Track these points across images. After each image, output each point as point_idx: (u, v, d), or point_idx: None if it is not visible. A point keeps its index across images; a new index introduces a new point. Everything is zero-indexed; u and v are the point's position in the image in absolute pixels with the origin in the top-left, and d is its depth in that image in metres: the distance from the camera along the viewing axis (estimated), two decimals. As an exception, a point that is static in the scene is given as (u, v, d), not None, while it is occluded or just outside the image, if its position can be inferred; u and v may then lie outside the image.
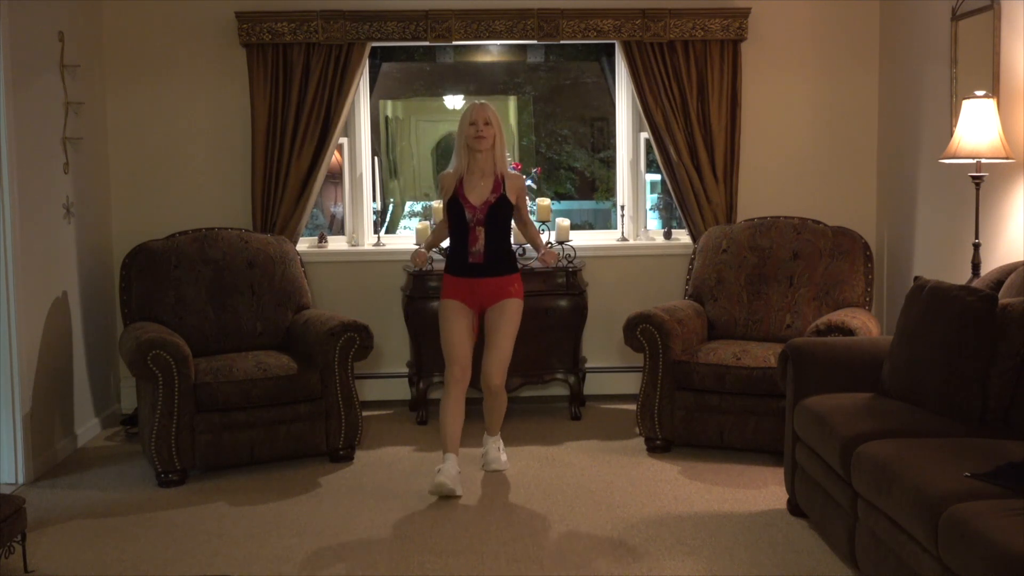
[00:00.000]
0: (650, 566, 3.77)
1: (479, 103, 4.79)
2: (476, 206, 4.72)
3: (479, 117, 4.73)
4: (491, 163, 4.77)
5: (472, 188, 4.75)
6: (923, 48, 5.48)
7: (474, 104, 4.79)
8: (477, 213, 4.72)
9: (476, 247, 4.73)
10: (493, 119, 4.76)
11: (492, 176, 4.76)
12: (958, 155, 4.48)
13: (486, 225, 4.72)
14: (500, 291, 4.76)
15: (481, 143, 4.72)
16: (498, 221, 4.75)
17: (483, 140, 4.72)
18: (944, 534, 2.82)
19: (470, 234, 4.73)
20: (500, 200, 4.74)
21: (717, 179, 5.97)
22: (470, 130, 4.73)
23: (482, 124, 4.73)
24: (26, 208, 4.83)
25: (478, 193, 4.74)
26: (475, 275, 4.75)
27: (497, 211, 4.74)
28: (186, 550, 3.98)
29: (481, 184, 4.75)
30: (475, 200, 4.73)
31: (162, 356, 4.66)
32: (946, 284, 3.88)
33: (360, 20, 5.85)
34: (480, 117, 4.73)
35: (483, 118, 4.73)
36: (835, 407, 3.83)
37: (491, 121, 4.75)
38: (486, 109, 4.76)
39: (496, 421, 4.95)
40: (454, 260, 4.81)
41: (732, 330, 5.47)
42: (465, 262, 4.75)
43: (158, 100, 5.99)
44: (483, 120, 4.73)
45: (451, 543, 4.02)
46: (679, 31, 5.88)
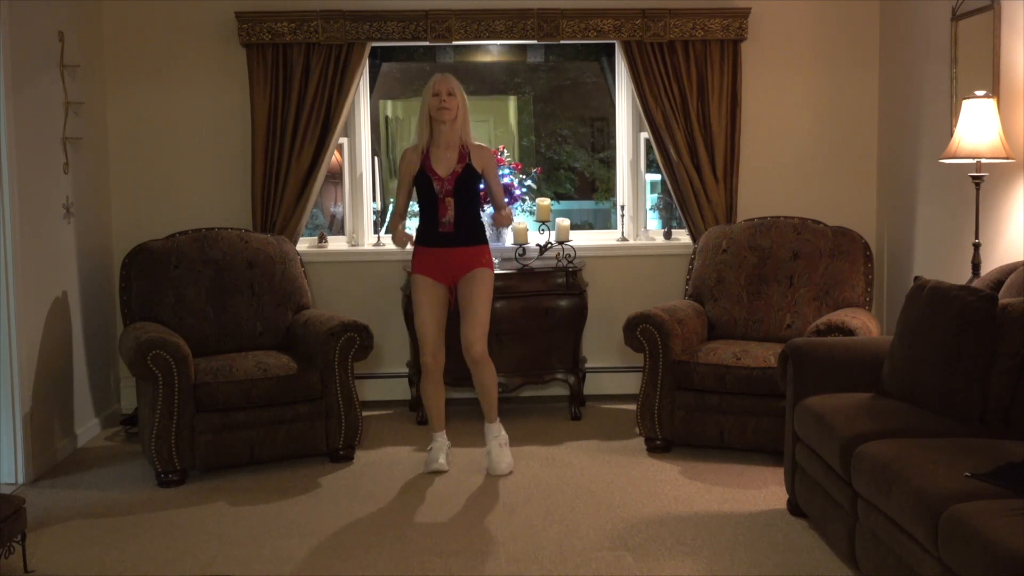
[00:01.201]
0: (650, 566, 3.77)
1: (442, 74, 4.82)
2: (443, 177, 4.78)
3: (442, 88, 4.76)
4: (455, 134, 4.80)
5: (438, 160, 4.80)
6: (923, 48, 5.47)
7: (437, 75, 4.82)
8: (445, 184, 4.77)
9: (446, 217, 4.79)
10: (457, 90, 4.79)
11: (457, 147, 4.80)
12: (958, 155, 4.48)
13: (455, 195, 4.77)
14: (471, 260, 4.82)
15: (445, 114, 4.75)
16: (466, 191, 4.80)
17: (447, 111, 4.75)
18: (944, 534, 2.82)
19: (440, 205, 4.78)
20: (466, 170, 4.79)
21: (717, 179, 5.97)
22: (433, 101, 4.76)
23: (445, 95, 4.75)
24: (26, 208, 4.83)
25: (444, 164, 4.79)
26: (446, 244, 4.81)
27: (464, 181, 4.78)
28: (186, 550, 3.98)
29: (447, 155, 4.80)
30: (442, 171, 4.78)
31: (162, 356, 4.66)
32: (946, 284, 3.88)
33: (360, 20, 5.85)
34: (443, 88, 4.76)
35: (447, 89, 4.76)
36: (835, 407, 3.83)
37: (455, 92, 4.78)
38: (449, 80, 4.79)
39: (491, 402, 4.91)
40: (425, 231, 4.87)
41: (732, 330, 5.47)
42: (436, 232, 4.81)
43: (158, 100, 5.99)
44: (447, 91, 4.76)
45: (451, 543, 4.02)
46: (679, 31, 5.88)
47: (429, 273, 4.83)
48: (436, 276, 4.83)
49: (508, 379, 5.77)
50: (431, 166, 4.80)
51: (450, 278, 4.84)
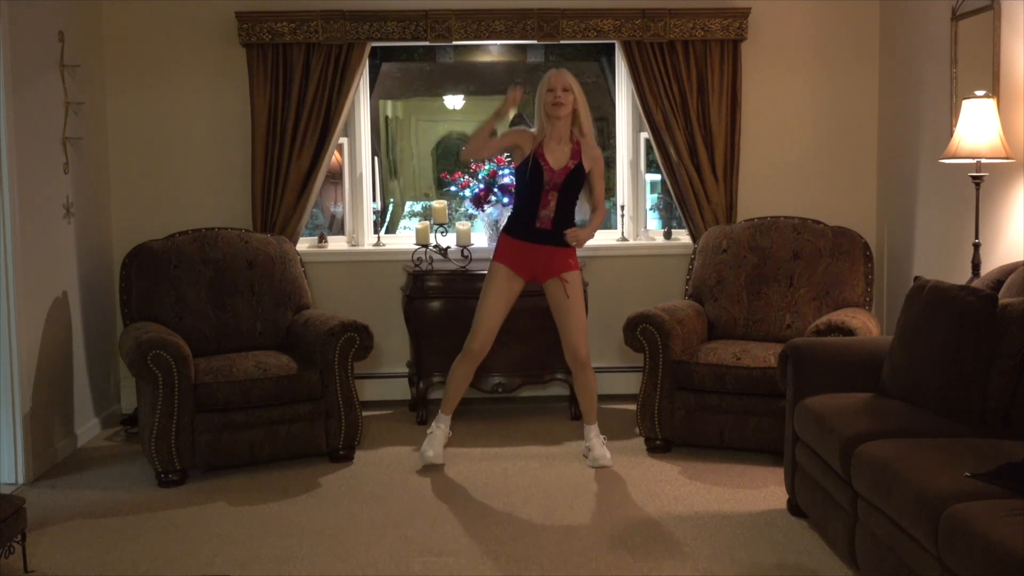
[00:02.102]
0: (650, 566, 3.77)
1: (557, 70, 4.78)
2: (555, 170, 4.72)
3: (557, 83, 4.71)
4: (568, 130, 4.76)
5: (552, 152, 4.73)
6: (923, 48, 5.48)
7: (552, 70, 4.78)
8: (555, 177, 4.72)
9: (546, 211, 4.75)
10: (572, 85, 4.73)
11: (570, 143, 4.75)
12: (958, 155, 4.48)
13: (560, 191, 4.73)
14: (561, 263, 4.78)
15: (559, 110, 4.71)
16: (572, 188, 4.76)
17: (561, 107, 4.71)
18: (944, 534, 2.82)
19: (542, 197, 4.73)
20: (578, 167, 4.75)
21: (717, 179, 5.97)
22: (548, 96, 4.72)
23: (560, 90, 4.71)
24: (26, 208, 4.83)
25: (557, 157, 4.73)
26: (539, 241, 4.77)
27: (573, 178, 4.74)
28: (186, 550, 3.98)
29: (560, 148, 4.74)
30: (554, 164, 4.72)
31: (162, 356, 4.66)
32: (946, 284, 3.88)
33: (360, 20, 5.85)
34: (558, 83, 4.71)
35: (561, 84, 4.72)
36: (835, 407, 3.83)
37: (569, 87, 4.72)
38: (564, 75, 4.74)
39: (591, 404, 4.93)
40: (518, 222, 4.80)
41: (732, 330, 5.47)
42: (531, 225, 4.76)
43: (158, 100, 5.99)
44: (561, 86, 4.72)
45: (451, 543, 4.02)
46: (679, 31, 5.88)
47: (512, 265, 4.79)
48: (519, 270, 4.79)
49: (508, 379, 5.78)
50: (544, 156, 4.73)
51: (533, 275, 4.81)
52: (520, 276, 4.82)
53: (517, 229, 4.81)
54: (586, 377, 4.89)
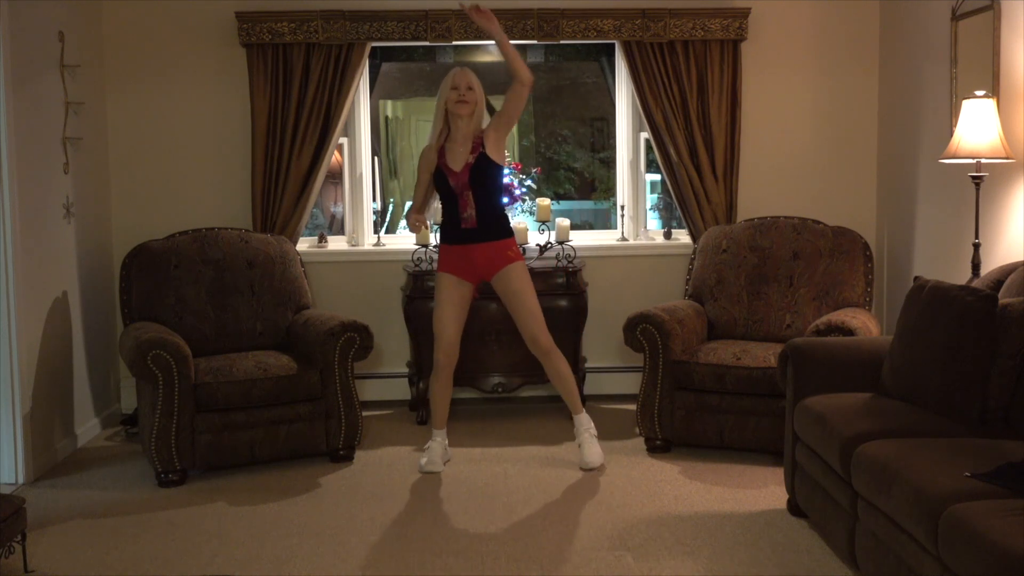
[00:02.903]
0: (650, 566, 3.77)
1: (460, 68, 4.77)
2: (457, 171, 4.72)
3: (461, 81, 4.71)
4: (472, 129, 4.75)
5: (453, 155, 4.75)
6: (923, 48, 5.47)
7: (457, 69, 4.76)
8: (459, 178, 4.72)
9: (467, 212, 4.75)
10: (475, 84, 4.72)
11: (471, 142, 4.75)
12: (958, 155, 4.48)
13: (472, 187, 4.72)
14: (499, 257, 4.77)
15: (463, 108, 4.70)
16: (484, 181, 4.74)
17: (465, 105, 4.70)
18: (944, 534, 2.82)
19: (459, 200, 4.73)
20: (480, 159, 4.72)
21: (717, 179, 5.97)
22: (452, 95, 4.71)
23: (464, 89, 4.70)
24: (26, 208, 4.83)
25: (459, 158, 4.73)
26: (469, 240, 4.77)
27: (479, 171, 4.71)
28: (186, 550, 3.98)
29: (462, 150, 4.74)
30: (456, 166, 4.73)
31: (162, 356, 4.66)
32: (946, 284, 3.88)
33: (360, 20, 5.85)
34: (463, 82, 4.71)
35: (466, 83, 4.71)
36: (835, 407, 3.83)
37: (473, 86, 4.72)
38: (468, 74, 4.73)
39: (571, 392, 4.89)
40: (447, 228, 4.83)
41: (732, 330, 5.47)
42: (458, 228, 4.77)
43: (158, 100, 5.99)
44: (466, 85, 4.70)
45: (451, 543, 4.02)
46: (679, 31, 5.88)
47: (454, 271, 4.80)
48: (461, 274, 4.80)
49: (508, 379, 5.78)
50: (446, 162, 4.75)
51: (476, 276, 4.81)
52: (466, 280, 4.82)
53: (448, 235, 4.83)
54: (552, 364, 4.85)
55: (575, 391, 4.93)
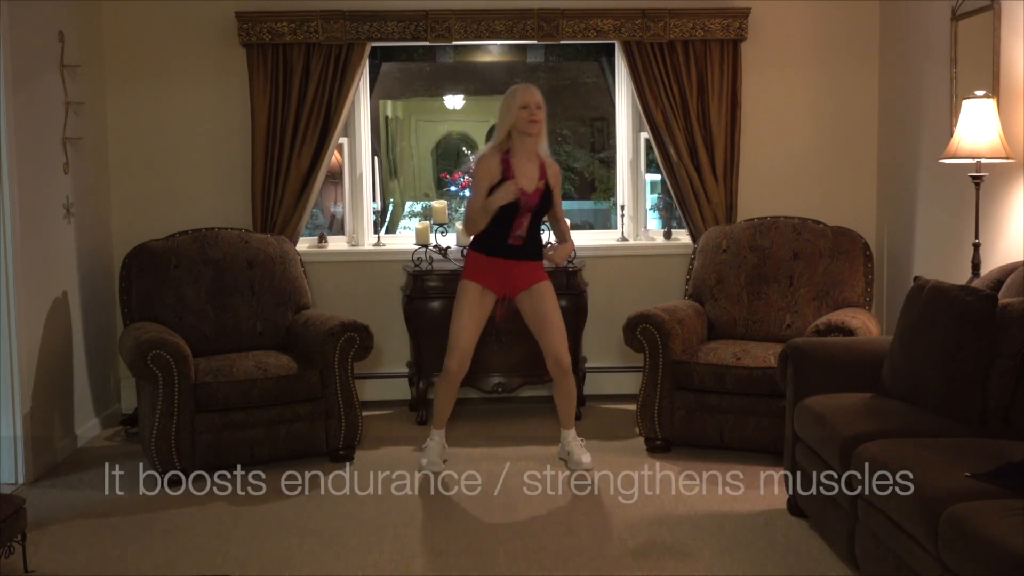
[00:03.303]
0: (650, 566, 3.77)
1: (525, 85, 4.76)
2: (529, 193, 4.71)
3: (531, 101, 4.69)
4: (535, 147, 4.76)
5: (521, 172, 4.72)
6: (923, 48, 5.47)
7: (523, 86, 4.75)
8: (530, 200, 4.72)
9: (520, 231, 4.76)
10: (543, 103, 4.74)
11: (536, 161, 4.76)
12: (958, 155, 4.48)
13: (534, 211, 4.75)
14: (532, 275, 4.82)
15: (534, 127, 4.70)
16: (543, 208, 4.79)
17: (536, 124, 4.70)
18: (944, 534, 2.82)
19: (516, 219, 4.73)
20: (547, 188, 4.78)
21: (717, 179, 5.97)
22: (523, 113, 4.68)
23: (535, 108, 4.69)
24: (26, 208, 4.83)
25: (528, 178, 4.73)
26: (512, 257, 4.78)
27: (545, 199, 4.78)
28: (186, 550, 3.98)
29: (528, 168, 4.74)
30: (527, 186, 4.72)
31: (162, 356, 4.66)
32: (946, 284, 3.88)
33: (360, 20, 5.85)
34: (533, 101, 4.70)
35: (535, 102, 4.70)
36: (835, 407, 3.83)
37: (542, 105, 4.73)
38: (536, 92, 4.73)
39: (570, 410, 4.95)
40: (491, 240, 4.78)
41: (732, 330, 5.47)
42: (504, 243, 4.76)
43: (158, 100, 5.98)
44: (535, 104, 4.70)
45: (451, 543, 4.02)
46: (679, 31, 5.88)
47: (483, 281, 4.79)
48: (490, 285, 4.80)
49: (508, 379, 5.78)
50: (515, 176, 4.71)
51: (505, 290, 4.83)
52: (492, 291, 4.82)
53: (490, 247, 4.79)
54: (568, 384, 4.90)
55: (574, 409, 5.00)
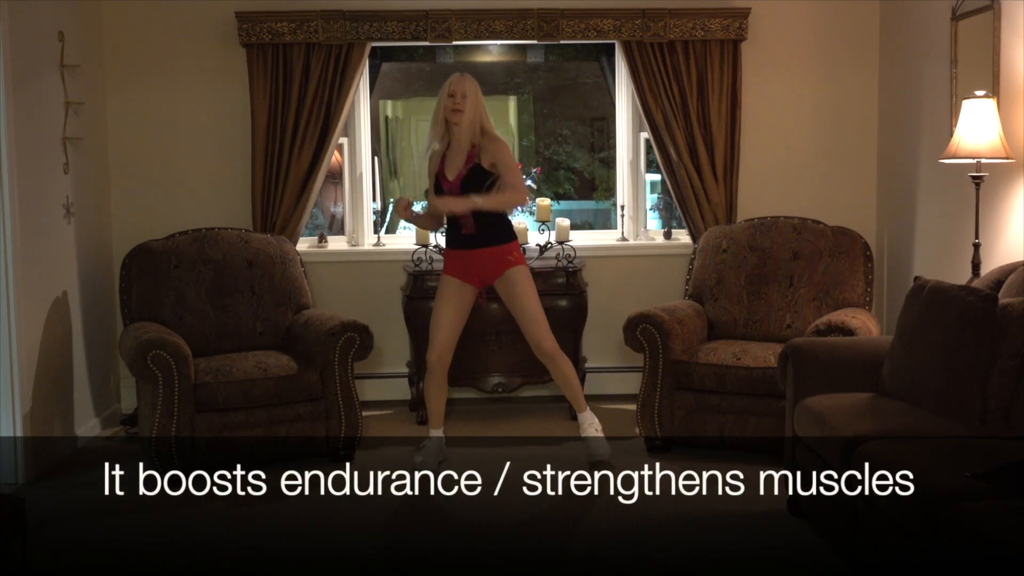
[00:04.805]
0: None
1: (458, 74, 4.77)
2: (451, 180, 4.75)
3: (456, 89, 4.71)
4: (467, 136, 4.75)
5: (450, 163, 4.78)
6: (923, 48, 5.47)
7: (455, 75, 4.77)
8: (452, 188, 4.75)
9: (464, 218, 4.75)
10: (471, 91, 4.72)
11: (466, 148, 4.76)
12: (958, 155, 4.48)
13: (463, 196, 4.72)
14: (500, 261, 4.78)
15: (456, 116, 4.71)
16: (475, 189, 4.72)
17: (459, 113, 4.70)
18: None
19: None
20: (473, 170, 4.73)
21: (717, 179, 5.97)
22: (448, 102, 4.72)
23: (459, 97, 4.70)
24: (26, 208, 4.83)
25: (454, 167, 4.76)
26: (469, 246, 4.79)
27: (471, 182, 4.72)
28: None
29: (458, 158, 4.77)
30: (450, 175, 4.76)
31: (162, 356, 4.66)
32: (946, 284, 3.88)
33: (360, 20, 5.85)
34: (458, 89, 4.71)
35: (460, 90, 4.71)
36: (835, 407, 3.83)
37: (467, 93, 4.71)
38: (465, 80, 4.73)
39: (576, 393, 4.92)
40: (449, 234, 4.87)
41: (732, 330, 5.46)
42: (459, 234, 4.80)
43: (158, 100, 5.98)
44: (460, 92, 4.70)
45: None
46: (679, 31, 5.88)
47: (457, 274, 4.82)
48: (464, 277, 4.82)
49: (508, 379, 5.78)
50: (443, 170, 4.79)
51: (479, 280, 4.83)
52: (469, 283, 4.83)
53: (449, 240, 4.87)
54: (558, 367, 4.87)
55: (580, 391, 4.96)
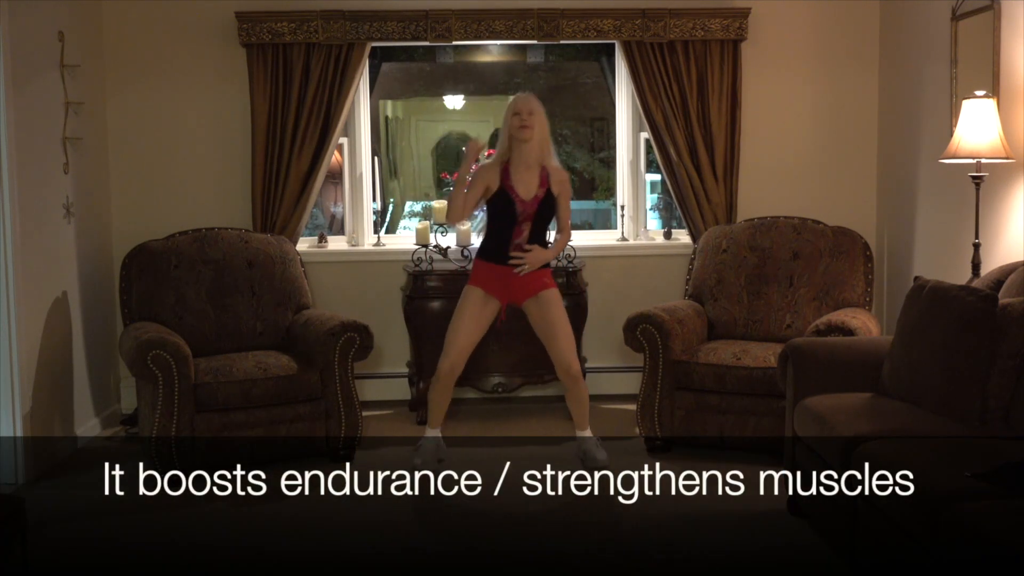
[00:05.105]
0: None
1: (523, 94, 4.81)
2: (526, 200, 4.73)
3: (523, 108, 4.73)
4: (535, 155, 4.76)
5: (519, 181, 4.74)
6: (923, 48, 5.47)
7: (520, 95, 4.80)
8: (527, 208, 4.73)
9: (519, 240, 4.76)
10: (537, 109, 4.75)
11: (536, 169, 4.76)
12: (958, 155, 4.48)
13: (533, 219, 4.74)
14: (535, 283, 4.79)
15: (525, 132, 4.71)
16: (544, 215, 4.78)
17: (527, 130, 4.71)
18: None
19: (515, 228, 4.75)
20: (547, 195, 4.76)
21: (717, 179, 5.97)
22: (514, 120, 4.73)
23: (526, 114, 4.72)
24: (26, 208, 4.83)
25: (525, 186, 4.74)
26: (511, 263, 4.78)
27: (545, 206, 4.76)
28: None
29: (527, 177, 4.75)
30: (524, 194, 4.74)
31: (162, 356, 4.66)
32: (946, 284, 3.88)
33: (360, 20, 5.85)
34: (524, 108, 4.73)
35: (527, 108, 4.73)
36: (835, 407, 3.83)
37: (535, 111, 4.74)
38: (530, 100, 4.77)
39: (584, 413, 4.94)
40: (492, 248, 4.82)
41: (732, 330, 5.47)
42: (505, 252, 4.77)
43: (158, 100, 5.98)
44: (527, 111, 4.73)
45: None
46: (679, 31, 5.88)
47: (487, 287, 4.79)
48: (494, 292, 4.79)
49: (508, 379, 5.78)
50: (512, 185, 4.74)
51: (509, 297, 4.82)
52: (495, 298, 4.82)
53: (493, 254, 4.81)
54: (580, 390, 4.90)
55: (587, 411, 4.97)
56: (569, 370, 4.81)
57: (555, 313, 4.81)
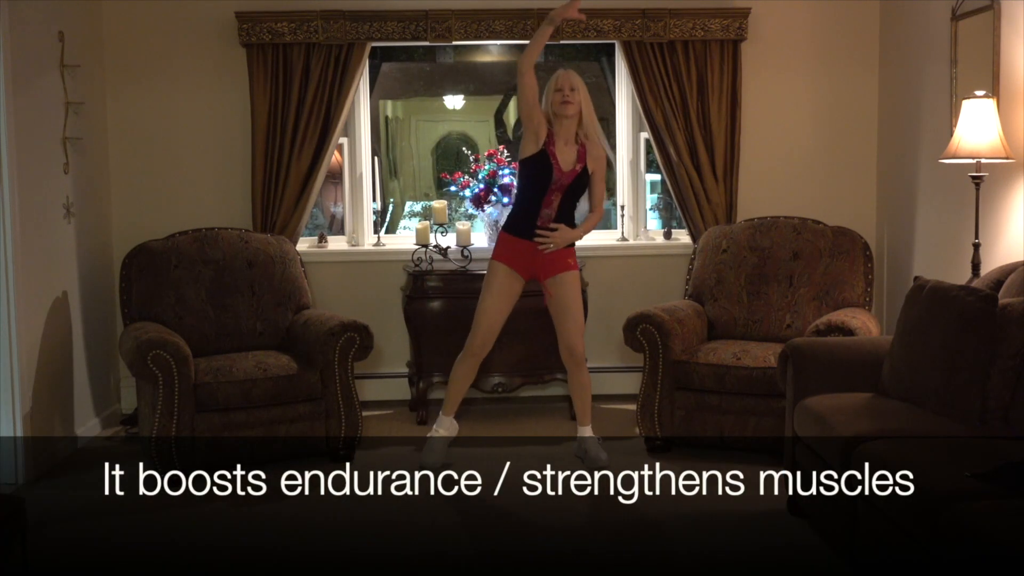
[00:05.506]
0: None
1: (565, 70, 4.79)
2: (564, 171, 4.73)
3: (565, 83, 4.72)
4: (574, 132, 4.75)
5: (560, 149, 4.74)
6: (923, 48, 5.48)
7: (561, 70, 4.79)
8: (563, 178, 4.73)
9: (548, 210, 4.75)
10: (579, 85, 4.74)
11: (575, 145, 4.76)
12: (958, 155, 4.48)
13: (564, 192, 4.74)
14: (560, 262, 4.79)
15: (567, 108, 4.71)
16: (576, 191, 4.78)
17: (569, 105, 4.71)
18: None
19: (547, 195, 4.73)
20: (584, 171, 4.76)
21: (717, 179, 5.97)
22: (556, 96, 4.72)
23: (568, 90, 4.71)
24: (26, 208, 4.83)
25: (565, 158, 4.74)
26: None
27: (579, 181, 4.76)
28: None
29: (567, 150, 4.75)
30: (564, 165, 4.73)
31: (162, 356, 4.66)
32: (946, 284, 3.88)
33: (360, 20, 5.85)
34: (566, 83, 4.72)
35: (569, 84, 4.72)
36: (835, 407, 3.83)
37: (577, 87, 4.73)
38: (572, 75, 4.75)
39: (586, 403, 4.94)
40: (520, 221, 4.80)
41: (732, 330, 5.47)
42: (532, 225, 4.76)
43: (158, 100, 5.98)
44: (569, 86, 4.72)
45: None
46: (679, 31, 5.88)
47: (512, 263, 4.79)
48: (519, 268, 4.80)
49: (508, 379, 5.78)
50: (554, 152, 4.73)
51: (532, 273, 4.82)
52: (521, 275, 4.82)
53: (519, 227, 4.80)
54: (581, 375, 4.90)
55: (590, 404, 4.97)
56: (573, 351, 4.82)
57: (572, 295, 4.81)
